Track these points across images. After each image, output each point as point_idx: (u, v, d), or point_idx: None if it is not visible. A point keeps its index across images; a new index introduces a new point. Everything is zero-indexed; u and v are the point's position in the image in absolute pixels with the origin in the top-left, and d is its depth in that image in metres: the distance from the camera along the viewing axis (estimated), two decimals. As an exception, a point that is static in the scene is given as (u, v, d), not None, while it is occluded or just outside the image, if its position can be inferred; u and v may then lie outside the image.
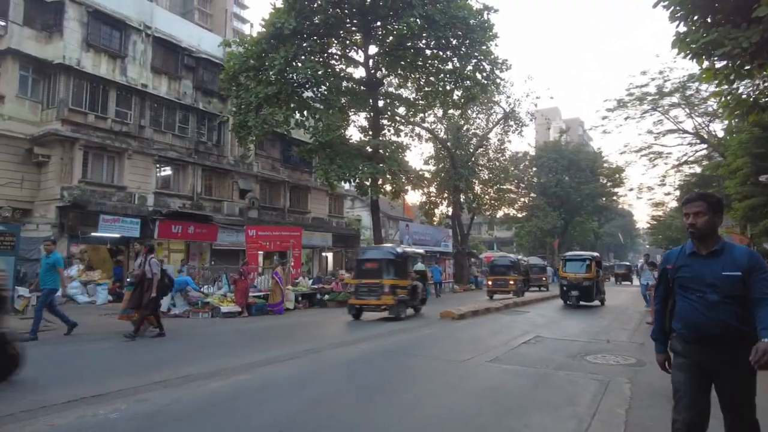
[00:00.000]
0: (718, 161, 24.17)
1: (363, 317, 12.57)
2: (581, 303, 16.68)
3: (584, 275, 16.69)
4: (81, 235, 18.51)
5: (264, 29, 19.36)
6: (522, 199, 47.90)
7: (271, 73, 18.01)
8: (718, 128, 30.61)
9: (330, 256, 32.23)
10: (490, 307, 13.87)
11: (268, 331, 10.68)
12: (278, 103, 20.53)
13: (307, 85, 19.29)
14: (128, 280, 13.21)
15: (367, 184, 19.26)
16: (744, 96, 12.36)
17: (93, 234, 18.76)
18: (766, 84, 11.93)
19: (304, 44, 18.00)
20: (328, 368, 6.61)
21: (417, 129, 29.02)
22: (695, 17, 8.72)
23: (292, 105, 20.43)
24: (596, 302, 17.26)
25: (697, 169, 32.17)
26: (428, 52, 22.50)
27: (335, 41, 23.21)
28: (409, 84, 25.02)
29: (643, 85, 30.55)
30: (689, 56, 9.55)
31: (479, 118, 31.57)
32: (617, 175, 40.84)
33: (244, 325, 11.47)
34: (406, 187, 20.47)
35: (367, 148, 20.86)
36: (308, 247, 28.45)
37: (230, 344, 8.95)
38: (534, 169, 46.71)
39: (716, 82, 10.04)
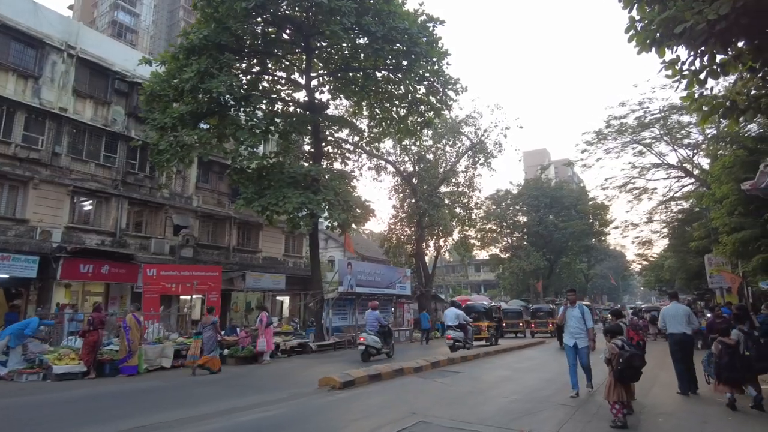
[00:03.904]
0: (701, 192, 21.73)
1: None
2: None
3: None
4: (-47, 276, 15.76)
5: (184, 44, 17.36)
6: (505, 239, 45.39)
7: (185, 89, 15.79)
8: (704, 162, 28.50)
9: (286, 300, 29.22)
10: (406, 366, 10.67)
11: (43, 409, 7.56)
12: (213, 128, 18.37)
13: (231, 104, 17.03)
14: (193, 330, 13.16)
15: (299, 216, 16.63)
16: (720, 98, 10.03)
17: (-29, 274, 16.01)
18: (743, 81, 9.63)
19: (222, 57, 15.78)
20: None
21: (378, 160, 26.74)
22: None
23: (220, 127, 18.21)
24: None
25: (685, 205, 29.79)
26: (379, 75, 20.62)
27: (279, 63, 21.30)
28: (365, 111, 23.03)
29: (622, 117, 28.71)
30: (648, 44, 7.81)
31: (447, 152, 29.37)
32: (600, 213, 38.19)
33: (43, 396, 8.57)
34: (347, 220, 17.77)
35: (306, 176, 18.43)
36: (256, 290, 25.61)
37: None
38: (515, 207, 44.31)
39: (684, 82, 8.01)
